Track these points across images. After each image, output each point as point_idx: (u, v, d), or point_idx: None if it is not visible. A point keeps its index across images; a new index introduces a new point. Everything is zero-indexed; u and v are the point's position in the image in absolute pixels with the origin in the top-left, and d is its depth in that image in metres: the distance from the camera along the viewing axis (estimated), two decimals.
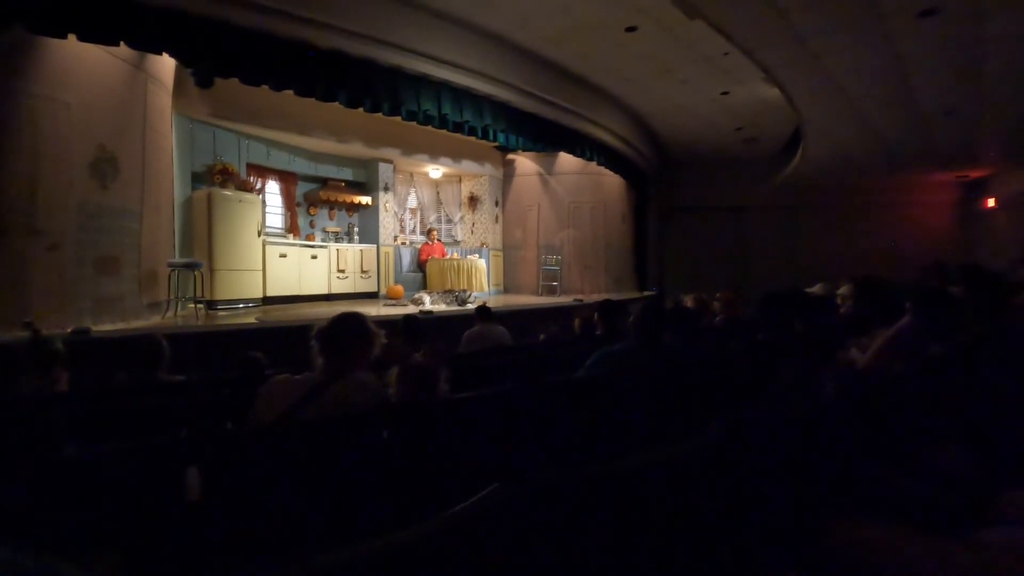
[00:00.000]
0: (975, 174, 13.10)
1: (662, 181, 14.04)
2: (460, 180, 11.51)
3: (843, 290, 3.88)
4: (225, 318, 6.44)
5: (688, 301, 4.81)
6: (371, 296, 9.51)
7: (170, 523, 1.28)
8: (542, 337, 5.22)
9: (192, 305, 6.18)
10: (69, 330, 4.37)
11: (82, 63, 4.80)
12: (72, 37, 4.31)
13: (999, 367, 1.96)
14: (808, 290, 4.18)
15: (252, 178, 8.20)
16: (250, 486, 1.43)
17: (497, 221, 11.60)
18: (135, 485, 1.32)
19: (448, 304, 8.13)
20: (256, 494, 1.42)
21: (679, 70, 8.42)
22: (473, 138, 8.29)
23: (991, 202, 12.87)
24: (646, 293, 12.03)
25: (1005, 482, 1.32)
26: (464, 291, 8.74)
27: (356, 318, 2.07)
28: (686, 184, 14.59)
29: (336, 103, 6.22)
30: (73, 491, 1.27)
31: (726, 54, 7.35)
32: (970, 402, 1.79)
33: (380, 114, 6.76)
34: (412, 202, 11.20)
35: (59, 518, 1.21)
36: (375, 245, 9.80)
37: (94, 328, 4.62)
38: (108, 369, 3.18)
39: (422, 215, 11.38)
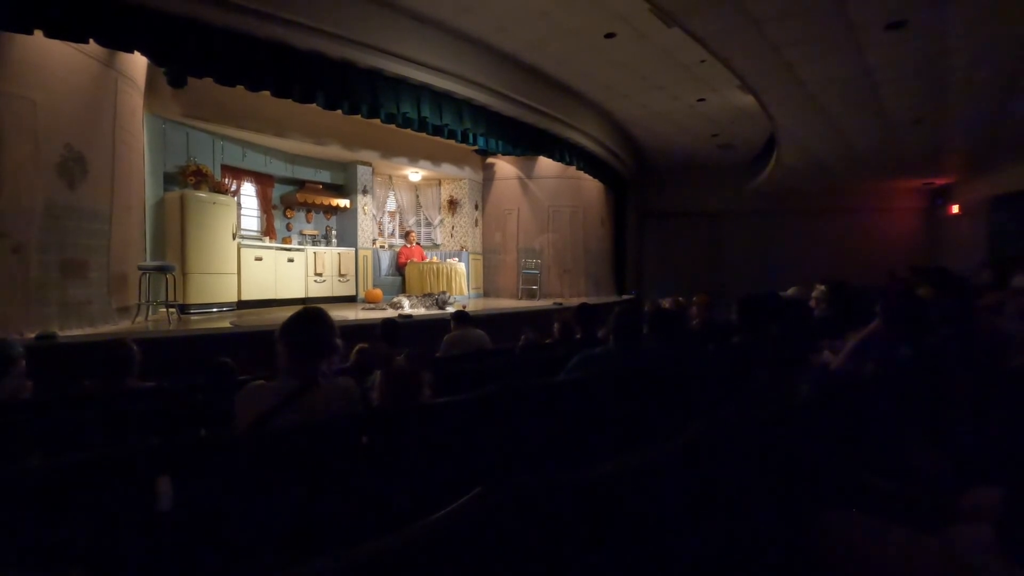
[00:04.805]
0: (940, 181, 13.57)
1: (640, 186, 14.23)
2: (439, 183, 11.48)
3: (817, 293, 3.97)
4: (198, 322, 6.30)
5: (666, 304, 4.88)
6: (349, 300, 9.41)
7: (141, 535, 1.24)
8: (523, 339, 5.21)
9: (164, 309, 6.02)
10: (34, 335, 4.23)
11: (49, 60, 4.65)
12: (38, 33, 4.18)
13: (965, 368, 2.03)
14: (783, 294, 4.26)
15: (227, 180, 8.04)
16: (224, 495, 1.40)
17: (477, 224, 11.59)
18: (104, 496, 1.27)
19: (427, 308, 8.08)
20: (230, 504, 1.39)
21: (656, 77, 8.55)
22: (452, 141, 8.28)
23: (955, 208, 13.32)
24: (625, 296, 12.14)
25: (969, 480, 1.36)
26: (443, 294, 8.71)
27: (316, 313, 2.01)
28: (664, 189, 14.82)
29: (314, 105, 6.13)
30: (39, 503, 1.22)
31: (702, 62, 7.48)
32: (936, 402, 1.85)
33: (359, 116, 6.71)
34: (391, 205, 11.12)
35: (24, 531, 1.17)
36: (353, 248, 9.70)
37: (61, 333, 4.47)
38: (76, 375, 3.09)
39: (401, 218, 11.31)
